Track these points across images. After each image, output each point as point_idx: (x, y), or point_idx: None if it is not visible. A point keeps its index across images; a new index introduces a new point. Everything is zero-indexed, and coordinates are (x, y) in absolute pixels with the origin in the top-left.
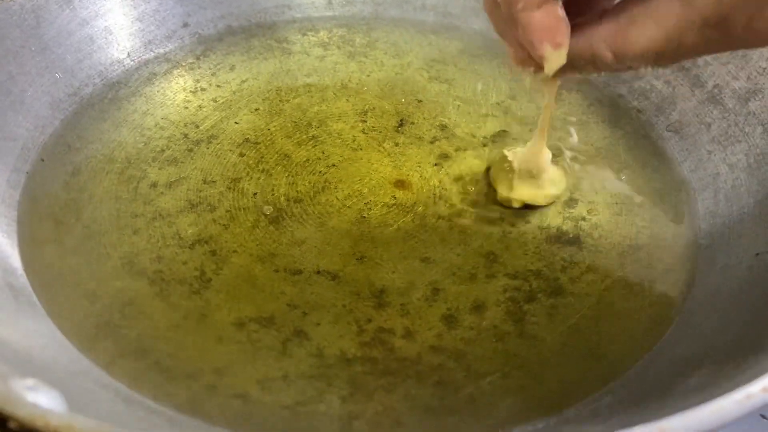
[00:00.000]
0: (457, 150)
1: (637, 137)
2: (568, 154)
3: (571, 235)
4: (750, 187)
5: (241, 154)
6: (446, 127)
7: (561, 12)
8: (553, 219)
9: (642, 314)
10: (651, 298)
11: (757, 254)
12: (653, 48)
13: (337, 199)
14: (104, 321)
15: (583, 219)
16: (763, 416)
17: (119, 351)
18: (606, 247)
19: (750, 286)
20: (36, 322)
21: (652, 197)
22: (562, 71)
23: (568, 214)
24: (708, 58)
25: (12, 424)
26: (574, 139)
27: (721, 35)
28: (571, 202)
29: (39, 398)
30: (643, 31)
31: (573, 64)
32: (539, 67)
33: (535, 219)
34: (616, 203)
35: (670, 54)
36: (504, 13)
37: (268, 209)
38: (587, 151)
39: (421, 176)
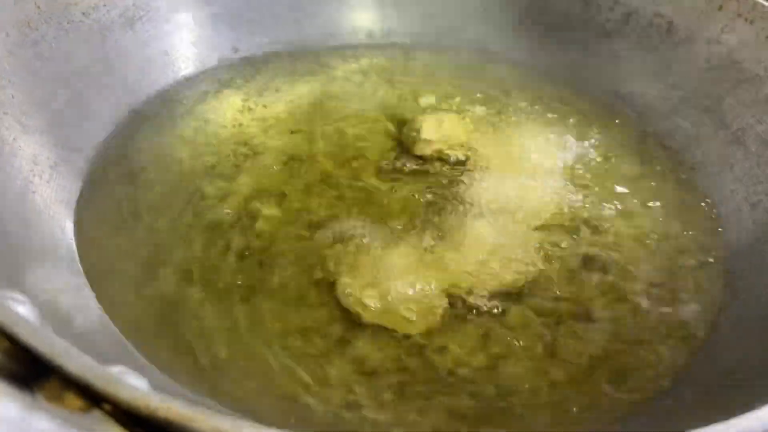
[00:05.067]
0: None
1: (665, 173)
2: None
3: (599, 264)
4: None
5: (286, 172)
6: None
7: None
8: (583, 247)
9: (667, 343)
10: (676, 328)
11: None
12: None
13: (373, 216)
14: (160, 322)
15: (612, 248)
16: None
17: (175, 350)
18: (634, 275)
19: None
20: (94, 321)
21: (677, 230)
22: None
23: (597, 244)
24: (732, 101)
25: (105, 407)
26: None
27: None
28: (600, 232)
29: (133, 382)
30: None
31: None
32: None
33: (564, 245)
34: (643, 234)
35: None
36: None
37: (309, 223)
38: (618, 185)
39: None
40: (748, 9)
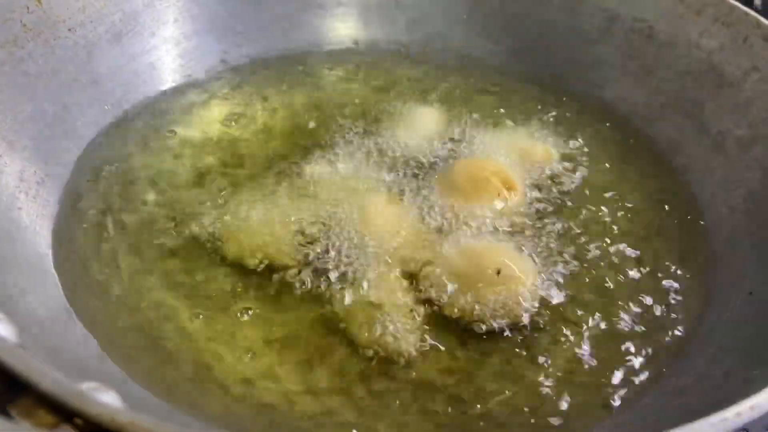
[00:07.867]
0: None
1: (648, 178)
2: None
3: (584, 268)
4: (748, 229)
5: (275, 180)
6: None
7: None
8: (566, 249)
9: (646, 346)
10: (655, 331)
11: (750, 293)
12: None
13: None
14: (144, 335)
15: (594, 250)
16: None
17: (155, 362)
18: (614, 279)
19: (743, 323)
20: (76, 334)
21: (657, 234)
22: None
23: (578, 245)
24: (713, 106)
25: (77, 421)
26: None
27: None
28: (583, 237)
29: (102, 398)
30: None
31: None
32: None
33: (545, 250)
34: (624, 239)
35: None
36: None
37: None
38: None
39: None
40: (726, 13)
